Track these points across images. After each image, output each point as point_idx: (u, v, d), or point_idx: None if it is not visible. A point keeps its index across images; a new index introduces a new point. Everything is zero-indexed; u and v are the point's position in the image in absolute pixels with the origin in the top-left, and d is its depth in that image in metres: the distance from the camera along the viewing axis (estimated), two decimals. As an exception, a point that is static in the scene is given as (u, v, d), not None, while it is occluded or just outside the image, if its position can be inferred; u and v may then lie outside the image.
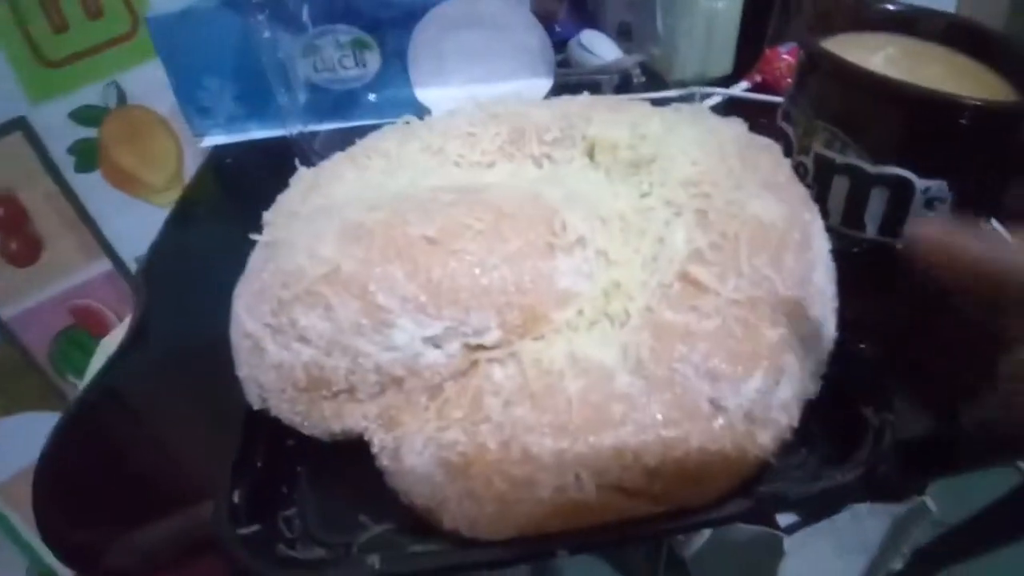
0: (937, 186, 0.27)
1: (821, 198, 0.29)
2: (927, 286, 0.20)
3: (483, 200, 0.25)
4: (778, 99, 0.45)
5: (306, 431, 0.25)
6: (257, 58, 0.43)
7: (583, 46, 0.50)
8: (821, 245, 0.27)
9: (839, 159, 0.29)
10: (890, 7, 0.33)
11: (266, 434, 0.26)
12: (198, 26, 0.45)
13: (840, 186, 0.29)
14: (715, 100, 0.48)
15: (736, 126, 0.30)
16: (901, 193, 0.28)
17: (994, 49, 0.30)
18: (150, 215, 0.61)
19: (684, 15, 0.47)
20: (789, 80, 0.49)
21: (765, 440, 0.23)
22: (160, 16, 0.44)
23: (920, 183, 0.27)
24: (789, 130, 0.32)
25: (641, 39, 0.51)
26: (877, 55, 0.31)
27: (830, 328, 0.26)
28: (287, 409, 0.25)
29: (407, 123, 0.35)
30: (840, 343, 0.26)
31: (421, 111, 0.46)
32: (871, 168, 0.28)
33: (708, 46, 0.48)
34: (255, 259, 0.27)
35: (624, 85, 0.48)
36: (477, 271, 0.23)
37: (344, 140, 0.34)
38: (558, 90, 0.47)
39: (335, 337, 0.23)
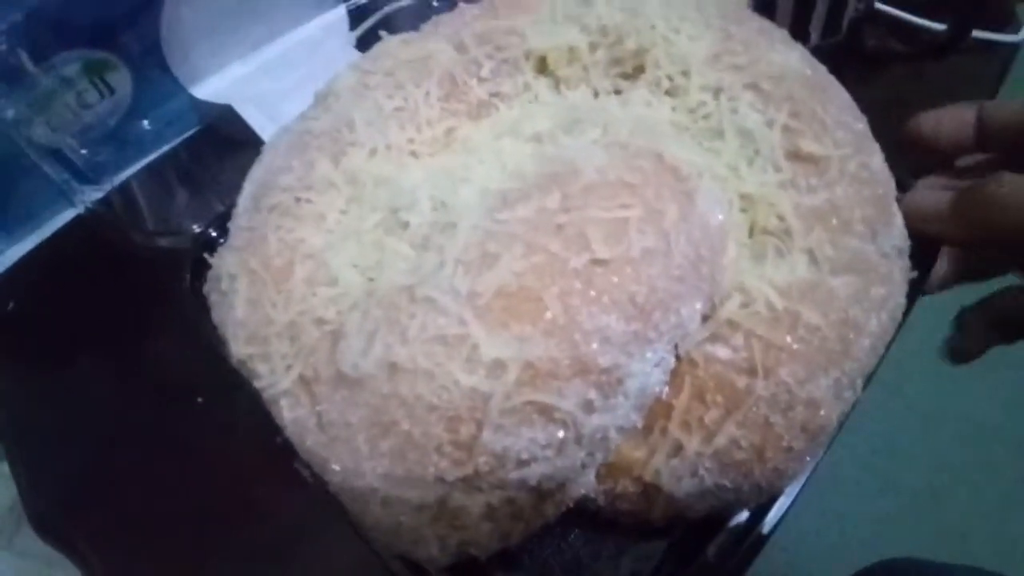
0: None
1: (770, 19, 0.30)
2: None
3: (588, 183, 0.20)
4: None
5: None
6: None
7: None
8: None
9: (784, -21, 0.29)
10: None
11: None
12: None
13: (785, 5, 0.30)
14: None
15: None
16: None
17: None
18: None
19: None
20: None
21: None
22: None
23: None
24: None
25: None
26: None
27: None
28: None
29: (307, 133, 0.26)
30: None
31: (215, 111, 0.34)
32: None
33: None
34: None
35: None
36: (663, 259, 0.20)
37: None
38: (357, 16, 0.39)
39: (563, 441, 0.18)
